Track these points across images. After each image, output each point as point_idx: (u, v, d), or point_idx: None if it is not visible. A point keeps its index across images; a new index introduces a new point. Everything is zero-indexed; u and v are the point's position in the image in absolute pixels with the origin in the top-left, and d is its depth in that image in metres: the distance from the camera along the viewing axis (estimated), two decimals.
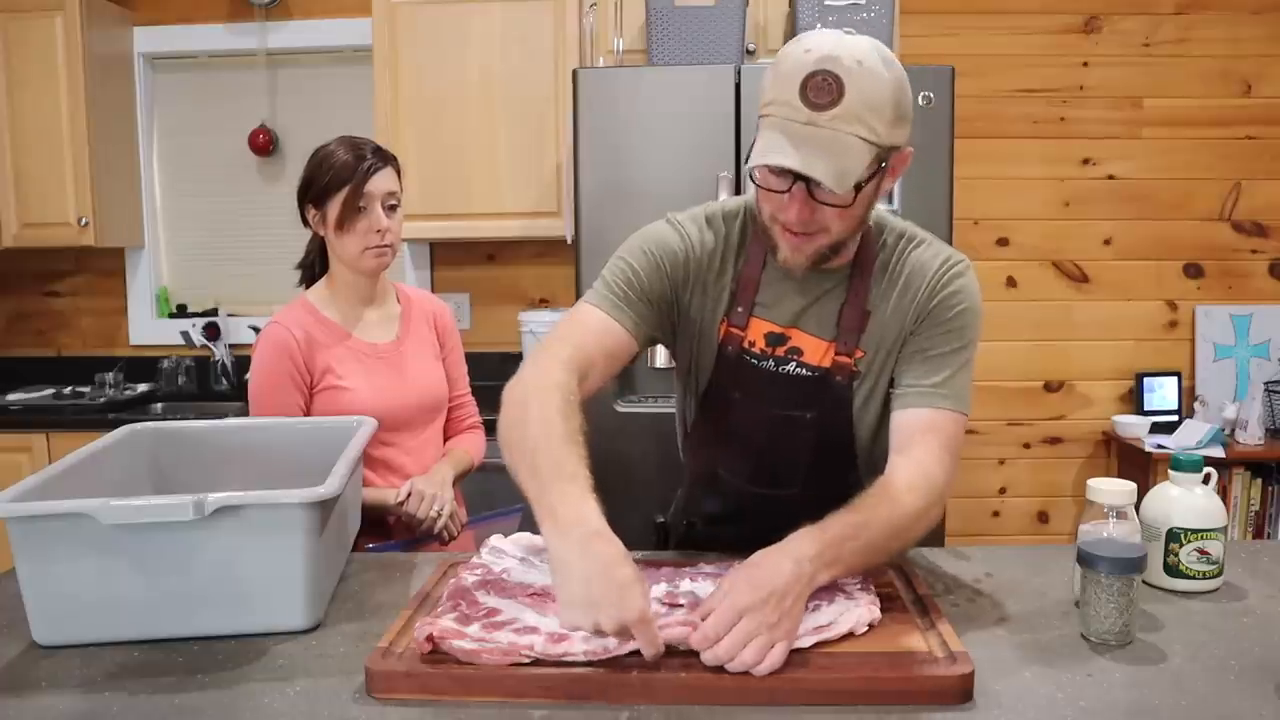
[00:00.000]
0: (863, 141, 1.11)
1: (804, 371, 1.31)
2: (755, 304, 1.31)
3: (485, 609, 1.06)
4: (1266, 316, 3.34)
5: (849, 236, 1.24)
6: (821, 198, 1.15)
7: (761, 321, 1.32)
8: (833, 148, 1.10)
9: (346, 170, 1.63)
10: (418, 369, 1.76)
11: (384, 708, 0.94)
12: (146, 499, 1.07)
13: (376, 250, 1.67)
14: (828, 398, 1.31)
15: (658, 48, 2.69)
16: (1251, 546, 1.45)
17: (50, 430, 2.90)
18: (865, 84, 1.10)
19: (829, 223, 1.19)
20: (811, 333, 1.31)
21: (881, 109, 1.12)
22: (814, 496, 1.17)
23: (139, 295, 3.49)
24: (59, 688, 1.00)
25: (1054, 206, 3.34)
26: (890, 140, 1.14)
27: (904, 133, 1.17)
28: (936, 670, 0.95)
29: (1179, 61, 3.28)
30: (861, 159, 1.12)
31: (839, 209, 1.16)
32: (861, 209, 1.21)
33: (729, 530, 1.40)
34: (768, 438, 1.35)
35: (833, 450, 1.33)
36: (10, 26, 3.04)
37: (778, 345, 1.31)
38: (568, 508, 1.01)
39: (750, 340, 1.32)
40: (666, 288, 1.30)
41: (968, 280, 1.29)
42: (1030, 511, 3.47)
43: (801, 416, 1.32)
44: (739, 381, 1.33)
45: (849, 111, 1.10)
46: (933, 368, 1.26)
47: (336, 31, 3.33)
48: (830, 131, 1.10)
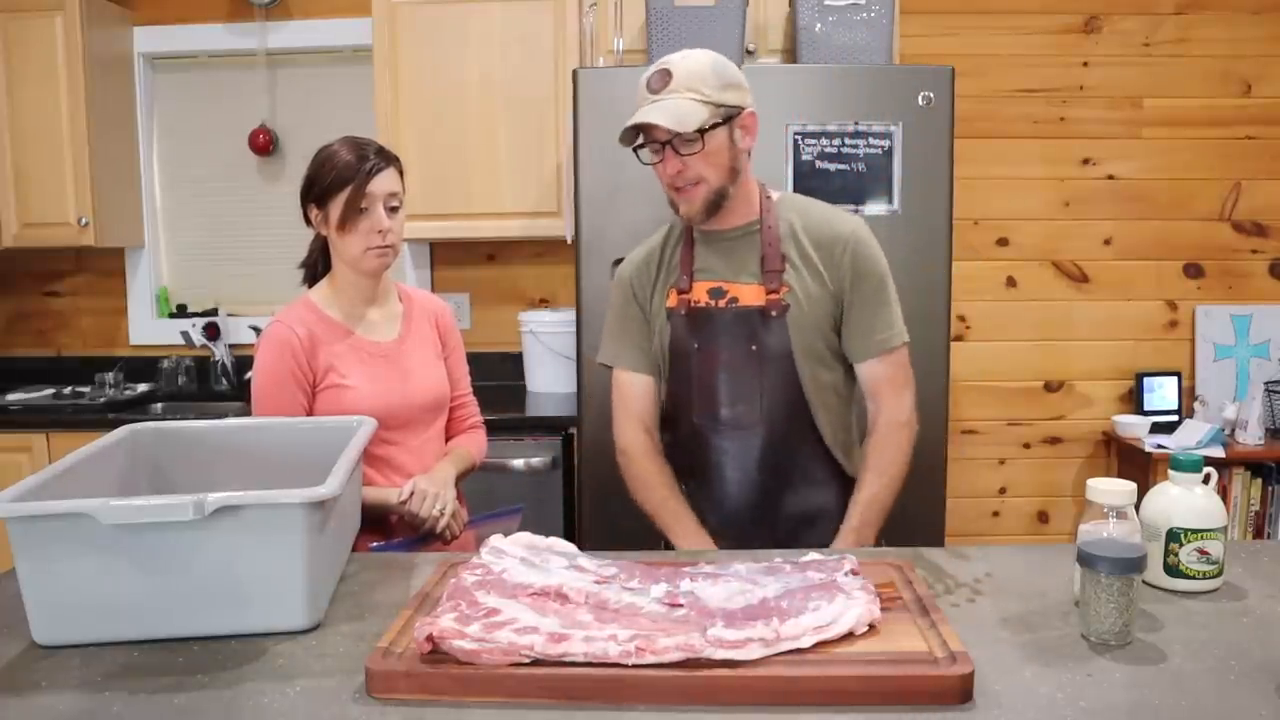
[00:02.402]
0: (693, 101, 1.50)
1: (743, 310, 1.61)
2: (694, 271, 1.66)
3: (485, 609, 1.06)
4: (1266, 316, 3.34)
5: (726, 183, 1.58)
6: (683, 150, 1.53)
7: (702, 283, 1.65)
8: (670, 108, 1.50)
9: (349, 171, 1.63)
10: (420, 368, 1.76)
11: (384, 708, 0.94)
12: (146, 499, 1.07)
13: (378, 251, 1.67)
14: (768, 331, 1.60)
15: (658, 48, 2.69)
16: (1251, 546, 1.45)
17: (50, 430, 2.89)
18: (687, 66, 1.53)
19: (701, 171, 1.55)
20: (744, 281, 1.62)
21: (704, 78, 1.52)
22: (777, 434, 1.62)
23: (139, 295, 3.49)
24: (59, 688, 1.00)
25: (1054, 206, 3.34)
26: (723, 99, 1.53)
27: (737, 95, 1.55)
28: (936, 670, 0.95)
29: (1179, 61, 3.28)
30: (696, 111, 1.50)
31: (699, 155, 1.53)
32: (723, 156, 1.56)
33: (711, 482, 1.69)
34: (726, 377, 1.63)
35: (783, 385, 1.62)
36: (10, 26, 3.04)
37: (719, 298, 1.63)
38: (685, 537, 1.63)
39: (696, 299, 1.65)
40: (636, 307, 1.72)
41: (868, 234, 1.65)
42: (1030, 511, 3.47)
43: (749, 349, 1.61)
44: (693, 330, 1.64)
45: (679, 85, 1.51)
46: (869, 320, 1.62)
47: (336, 31, 3.33)
48: (668, 100, 1.51)
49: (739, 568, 1.21)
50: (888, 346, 1.63)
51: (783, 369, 1.61)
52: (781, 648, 0.99)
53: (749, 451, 1.64)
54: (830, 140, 2.46)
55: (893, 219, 2.45)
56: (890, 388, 1.64)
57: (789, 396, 1.62)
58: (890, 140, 2.46)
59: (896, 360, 1.64)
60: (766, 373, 1.61)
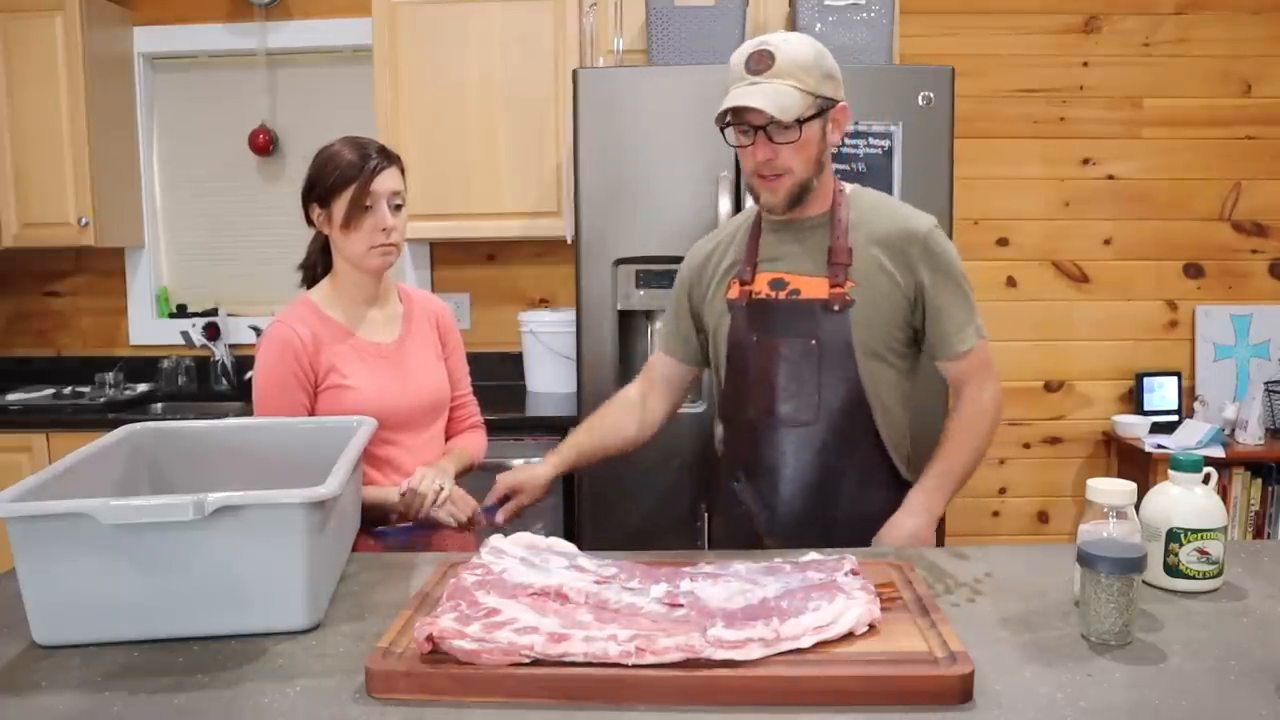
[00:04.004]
0: (795, 89, 1.46)
1: (804, 302, 1.58)
2: (758, 261, 1.63)
3: (485, 609, 1.06)
4: (1266, 316, 3.34)
5: (811, 176, 1.54)
6: (777, 139, 1.49)
7: (765, 273, 1.62)
8: (771, 93, 1.46)
9: (352, 169, 1.63)
10: (420, 368, 1.76)
11: (384, 708, 0.94)
12: (146, 499, 1.07)
13: (382, 249, 1.67)
14: (829, 326, 1.56)
15: (658, 48, 2.69)
16: (1251, 546, 1.45)
17: (50, 430, 2.90)
18: (791, 50, 1.48)
19: (790, 162, 1.51)
20: (807, 274, 1.59)
21: (809, 67, 1.48)
22: (835, 433, 1.58)
23: (139, 295, 3.49)
24: (59, 688, 1.00)
25: (1054, 206, 3.34)
26: (822, 91, 1.49)
27: (834, 87, 1.52)
28: (936, 670, 0.95)
29: (1179, 61, 3.28)
30: (797, 100, 1.46)
31: (793, 145, 1.49)
32: (813, 149, 1.52)
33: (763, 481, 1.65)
34: (784, 371, 1.59)
35: (842, 381, 1.57)
36: (10, 26, 3.04)
37: (780, 289, 1.60)
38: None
39: (757, 290, 1.62)
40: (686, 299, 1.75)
41: (942, 232, 1.61)
42: (1030, 511, 3.47)
43: (808, 343, 1.57)
44: (753, 322, 1.62)
45: (781, 70, 1.47)
46: (951, 317, 1.58)
47: (336, 31, 3.33)
48: (769, 84, 1.46)
49: (739, 568, 1.21)
50: (967, 345, 1.59)
51: (842, 365, 1.56)
52: (781, 648, 0.99)
53: (804, 450, 1.60)
54: None
55: None
56: (974, 380, 1.61)
57: (848, 394, 1.57)
58: (890, 140, 2.46)
59: (978, 355, 1.60)
60: (825, 368, 1.57)
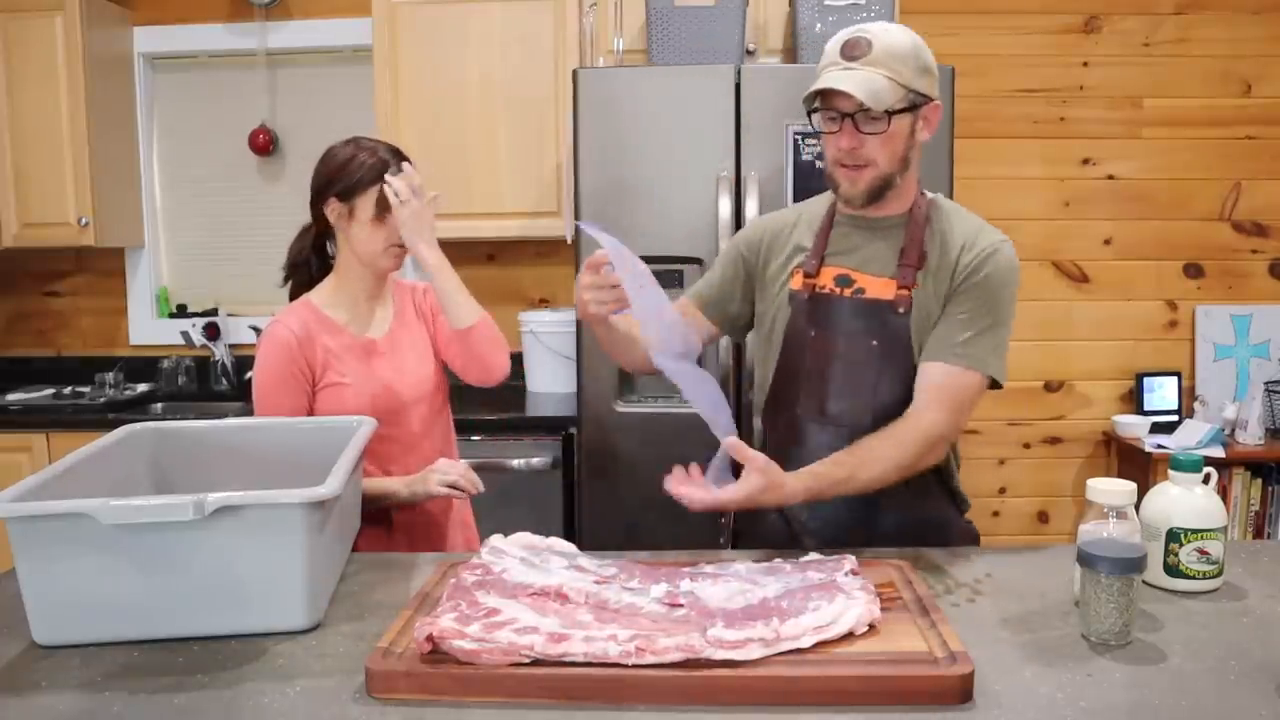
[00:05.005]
0: (889, 80, 1.39)
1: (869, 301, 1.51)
2: (826, 254, 1.56)
3: (485, 609, 1.06)
4: (1266, 316, 3.34)
5: (895, 171, 1.47)
6: (865, 128, 1.42)
7: (831, 268, 1.55)
8: (863, 80, 1.39)
9: (382, 166, 1.67)
10: (413, 360, 1.77)
11: (384, 708, 0.94)
12: (146, 499, 1.08)
13: (397, 250, 1.71)
14: (889, 328, 1.49)
15: (658, 48, 2.69)
16: (1251, 546, 1.45)
17: (50, 430, 2.89)
18: (889, 40, 1.41)
19: (875, 154, 1.44)
20: (874, 274, 1.52)
21: (905, 58, 1.41)
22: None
23: (139, 295, 3.49)
24: (59, 688, 1.00)
25: (1054, 206, 3.34)
26: (916, 85, 1.42)
27: (929, 83, 1.44)
28: (936, 670, 0.95)
29: (1179, 61, 3.28)
30: (891, 91, 1.40)
31: (880, 136, 1.42)
32: (900, 143, 1.45)
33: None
34: (841, 369, 1.52)
35: (900, 384, 1.49)
36: (10, 26, 3.04)
37: (845, 286, 1.53)
38: None
39: (821, 284, 1.55)
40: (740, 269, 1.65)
41: (1004, 257, 1.49)
42: (1030, 511, 3.47)
43: (869, 344, 1.50)
44: (814, 317, 1.54)
45: (877, 59, 1.40)
46: (958, 328, 1.46)
47: (336, 31, 3.32)
48: (863, 71, 1.39)
49: (739, 568, 1.21)
50: (963, 362, 1.45)
51: (900, 368, 1.49)
52: (781, 648, 0.99)
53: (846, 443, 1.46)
54: None
55: None
56: (933, 404, 1.44)
57: (903, 397, 1.48)
58: None
59: (963, 382, 1.45)
60: (884, 370, 1.50)
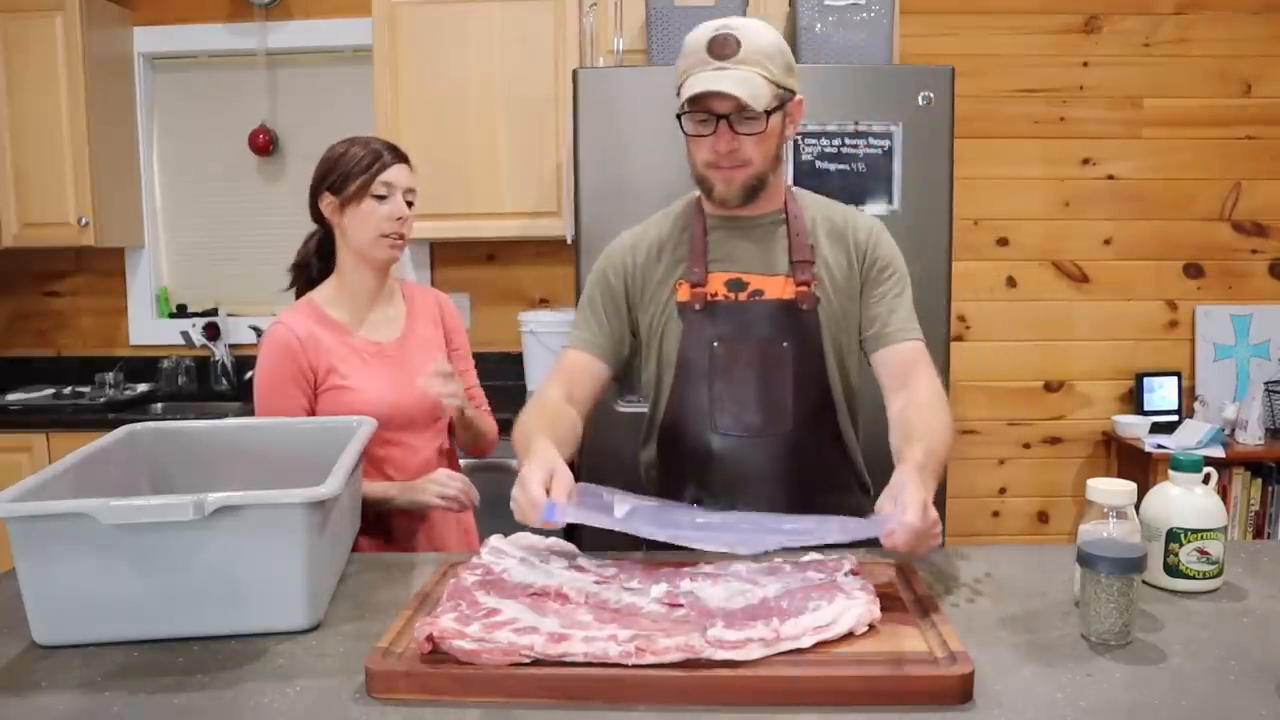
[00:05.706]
0: (763, 79, 1.38)
1: (771, 303, 1.49)
2: (709, 261, 1.52)
3: (485, 609, 1.06)
4: (1266, 316, 3.34)
5: (769, 170, 1.47)
6: (740, 128, 1.40)
7: (719, 274, 1.51)
8: (743, 81, 1.37)
9: (372, 157, 1.68)
10: (421, 367, 1.76)
11: (384, 708, 0.94)
12: (146, 499, 1.08)
13: (391, 240, 1.69)
14: (799, 327, 1.49)
15: (658, 48, 2.69)
16: (1251, 546, 1.45)
17: (50, 430, 2.90)
18: (756, 38, 1.39)
19: (750, 154, 1.43)
20: (765, 274, 1.50)
21: (773, 55, 1.40)
22: (806, 438, 1.51)
23: (139, 295, 3.49)
24: (59, 688, 1.00)
25: (1054, 206, 3.34)
26: (785, 82, 1.42)
27: (792, 79, 1.44)
28: (936, 670, 0.95)
29: (1179, 61, 3.28)
30: (765, 90, 1.39)
31: (756, 137, 1.41)
32: (774, 141, 1.45)
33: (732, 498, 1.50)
34: (755, 377, 1.50)
35: (814, 384, 1.51)
36: (10, 26, 3.04)
37: (739, 290, 1.51)
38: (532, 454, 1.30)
39: (712, 292, 1.51)
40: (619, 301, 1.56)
41: (877, 225, 1.56)
42: (1030, 511, 3.47)
43: (780, 346, 1.49)
44: (714, 325, 1.50)
45: (748, 57, 1.38)
46: (893, 308, 1.51)
47: (336, 31, 3.32)
48: (739, 71, 1.37)
49: (739, 568, 1.21)
50: (916, 335, 1.51)
51: (814, 367, 1.50)
52: (781, 648, 0.99)
53: (777, 459, 1.52)
54: (830, 140, 2.46)
55: (893, 219, 2.45)
56: (920, 368, 1.48)
57: (819, 397, 1.52)
58: (890, 140, 2.46)
59: (921, 347, 1.51)
60: (799, 372, 1.50)
